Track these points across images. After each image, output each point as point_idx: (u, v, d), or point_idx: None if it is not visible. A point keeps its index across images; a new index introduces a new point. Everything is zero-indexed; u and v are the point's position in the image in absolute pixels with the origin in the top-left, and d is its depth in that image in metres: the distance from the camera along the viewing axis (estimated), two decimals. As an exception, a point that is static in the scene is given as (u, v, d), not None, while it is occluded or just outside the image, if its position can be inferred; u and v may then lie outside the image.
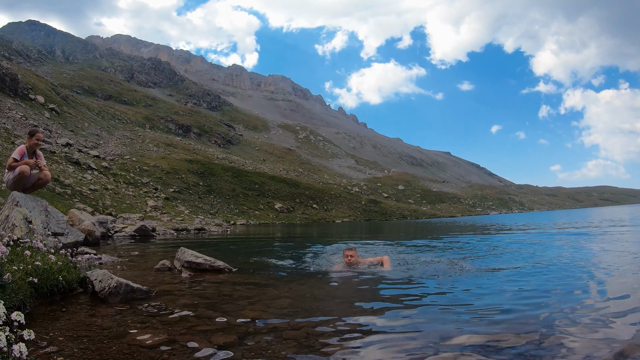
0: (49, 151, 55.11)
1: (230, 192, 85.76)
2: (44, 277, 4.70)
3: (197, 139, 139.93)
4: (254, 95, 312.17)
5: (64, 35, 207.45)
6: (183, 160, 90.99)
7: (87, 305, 4.78)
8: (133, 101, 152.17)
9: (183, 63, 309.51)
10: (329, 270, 8.12)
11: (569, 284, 6.13)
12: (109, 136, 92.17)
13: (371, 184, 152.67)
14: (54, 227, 9.43)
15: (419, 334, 3.76)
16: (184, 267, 7.66)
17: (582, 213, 71.64)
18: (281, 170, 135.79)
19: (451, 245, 14.58)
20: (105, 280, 5.02)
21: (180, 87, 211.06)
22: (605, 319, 4.12)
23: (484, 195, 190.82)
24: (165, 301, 4.97)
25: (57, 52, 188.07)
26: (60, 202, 27.35)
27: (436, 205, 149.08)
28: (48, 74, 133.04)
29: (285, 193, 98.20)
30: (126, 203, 52.56)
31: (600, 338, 3.55)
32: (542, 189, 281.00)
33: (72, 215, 12.94)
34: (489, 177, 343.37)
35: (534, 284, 6.21)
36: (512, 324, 4.04)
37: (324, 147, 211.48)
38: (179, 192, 72.77)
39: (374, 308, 4.94)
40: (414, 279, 6.96)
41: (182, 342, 3.51)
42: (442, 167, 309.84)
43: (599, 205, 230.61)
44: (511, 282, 6.42)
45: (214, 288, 6.08)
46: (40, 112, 75.12)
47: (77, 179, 50.63)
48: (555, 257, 9.63)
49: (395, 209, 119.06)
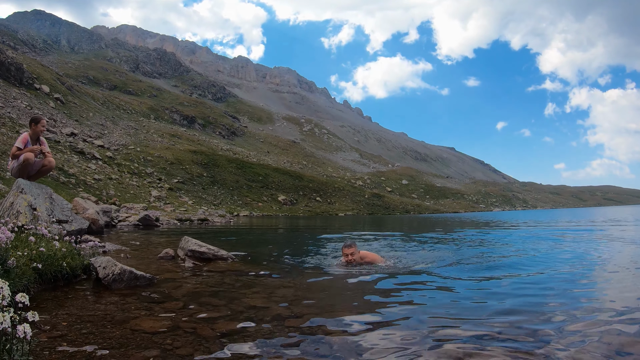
0: (54, 140, 55.15)
1: (234, 183, 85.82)
2: (48, 263, 4.73)
3: (202, 130, 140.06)
4: (259, 87, 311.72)
5: (70, 25, 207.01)
6: (187, 151, 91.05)
7: (91, 291, 4.80)
8: (138, 92, 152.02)
9: (188, 54, 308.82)
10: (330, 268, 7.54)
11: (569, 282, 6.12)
12: (114, 126, 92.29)
13: (375, 178, 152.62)
14: (59, 215, 9.45)
15: (418, 325, 3.75)
16: (187, 255, 7.67)
17: (586, 212, 71.31)
18: (285, 162, 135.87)
19: (455, 238, 14.59)
20: (109, 267, 5.04)
21: (185, 78, 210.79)
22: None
23: (487, 192, 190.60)
24: (169, 288, 4.99)
25: (62, 42, 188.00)
26: (64, 191, 27.37)
27: (439, 201, 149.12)
28: (53, 64, 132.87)
29: (288, 185, 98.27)
30: (130, 193, 52.63)
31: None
32: (545, 187, 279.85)
33: (76, 203, 12.96)
34: (493, 174, 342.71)
35: (536, 279, 6.20)
36: (512, 317, 4.04)
37: (328, 140, 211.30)
38: (182, 183, 72.86)
39: (375, 299, 4.93)
40: (416, 273, 6.96)
41: (185, 328, 3.52)
42: (446, 162, 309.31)
43: (603, 205, 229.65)
44: (510, 276, 6.42)
45: (217, 276, 6.10)
46: (45, 102, 75.22)
47: (81, 169, 50.69)
48: (558, 253, 9.65)
49: (398, 204, 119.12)
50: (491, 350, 3.08)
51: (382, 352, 3.07)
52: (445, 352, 3.07)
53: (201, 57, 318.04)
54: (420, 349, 3.14)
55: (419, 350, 3.12)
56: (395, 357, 3.00)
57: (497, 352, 3.03)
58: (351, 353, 3.06)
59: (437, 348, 3.15)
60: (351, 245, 7.65)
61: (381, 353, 3.05)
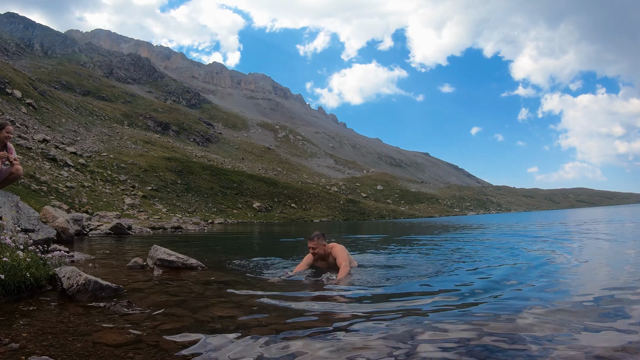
0: (25, 147, 54.27)
1: (209, 190, 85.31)
2: (11, 274, 4.65)
3: (176, 136, 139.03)
4: (234, 94, 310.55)
5: (43, 28, 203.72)
6: (161, 158, 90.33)
7: (55, 302, 4.73)
8: (112, 97, 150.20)
9: (163, 59, 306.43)
10: (294, 271, 7.55)
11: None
12: (87, 132, 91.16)
13: (350, 184, 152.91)
14: (25, 223, 9.30)
15: (388, 335, 3.76)
16: (156, 264, 7.62)
17: (560, 214, 72.45)
18: (260, 169, 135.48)
19: (428, 243, 14.75)
20: (74, 277, 4.97)
21: (159, 84, 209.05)
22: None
23: (462, 196, 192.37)
24: (135, 299, 4.94)
25: (35, 46, 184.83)
26: (35, 199, 26.93)
27: (414, 206, 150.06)
28: (26, 68, 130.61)
29: (263, 192, 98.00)
30: (103, 201, 52.00)
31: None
32: (519, 190, 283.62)
33: (46, 212, 12.76)
34: (467, 178, 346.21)
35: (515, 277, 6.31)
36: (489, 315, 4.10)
37: (303, 147, 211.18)
38: (156, 190, 72.22)
39: (347, 305, 4.96)
40: (385, 278, 7.03)
41: (147, 341, 3.49)
42: (421, 167, 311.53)
43: (576, 207, 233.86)
44: (479, 273, 6.51)
45: (185, 286, 6.07)
46: (17, 107, 74.02)
47: (53, 176, 49.92)
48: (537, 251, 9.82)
49: (373, 209, 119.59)
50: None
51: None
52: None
53: (176, 62, 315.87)
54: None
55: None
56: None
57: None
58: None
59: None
60: (313, 238, 7.68)
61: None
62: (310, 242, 7.65)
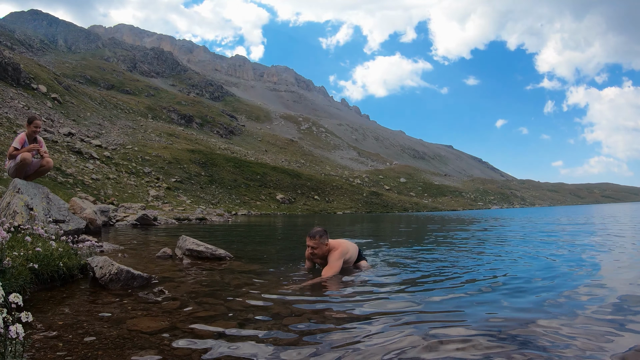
0: (51, 140, 55.07)
1: (232, 182, 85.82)
2: (44, 263, 4.70)
3: (200, 129, 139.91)
4: (257, 86, 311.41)
5: (67, 24, 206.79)
6: (185, 150, 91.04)
7: (88, 291, 4.77)
8: (135, 91, 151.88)
9: (186, 53, 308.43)
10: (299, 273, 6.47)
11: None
12: (111, 126, 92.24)
13: (373, 176, 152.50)
14: (56, 214, 9.41)
15: (413, 328, 3.69)
16: (185, 255, 7.65)
17: (585, 210, 71.18)
18: (283, 161, 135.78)
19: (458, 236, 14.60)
20: (106, 266, 5.00)
21: (182, 77, 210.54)
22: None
23: (485, 190, 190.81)
24: (167, 288, 4.94)
25: (59, 42, 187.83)
26: (62, 191, 27.35)
27: (438, 199, 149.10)
28: (50, 64, 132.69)
29: (287, 184, 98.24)
30: (128, 192, 52.54)
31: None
32: (544, 184, 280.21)
33: (74, 203, 12.90)
34: (491, 172, 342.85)
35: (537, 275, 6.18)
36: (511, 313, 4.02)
37: (326, 139, 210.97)
38: (180, 182, 72.81)
39: (374, 298, 4.89)
40: (410, 272, 6.93)
41: (182, 328, 3.49)
42: (444, 160, 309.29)
43: (601, 202, 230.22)
44: (498, 270, 6.40)
45: (215, 275, 6.08)
46: (42, 102, 75.21)
47: (79, 168, 50.61)
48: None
49: (396, 202, 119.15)
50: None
51: (380, 352, 3.04)
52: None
53: (198, 56, 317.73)
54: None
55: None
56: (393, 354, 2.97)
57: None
58: (350, 351, 3.03)
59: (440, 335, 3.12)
60: (314, 236, 6.41)
61: (381, 352, 3.03)
62: (311, 240, 6.41)
